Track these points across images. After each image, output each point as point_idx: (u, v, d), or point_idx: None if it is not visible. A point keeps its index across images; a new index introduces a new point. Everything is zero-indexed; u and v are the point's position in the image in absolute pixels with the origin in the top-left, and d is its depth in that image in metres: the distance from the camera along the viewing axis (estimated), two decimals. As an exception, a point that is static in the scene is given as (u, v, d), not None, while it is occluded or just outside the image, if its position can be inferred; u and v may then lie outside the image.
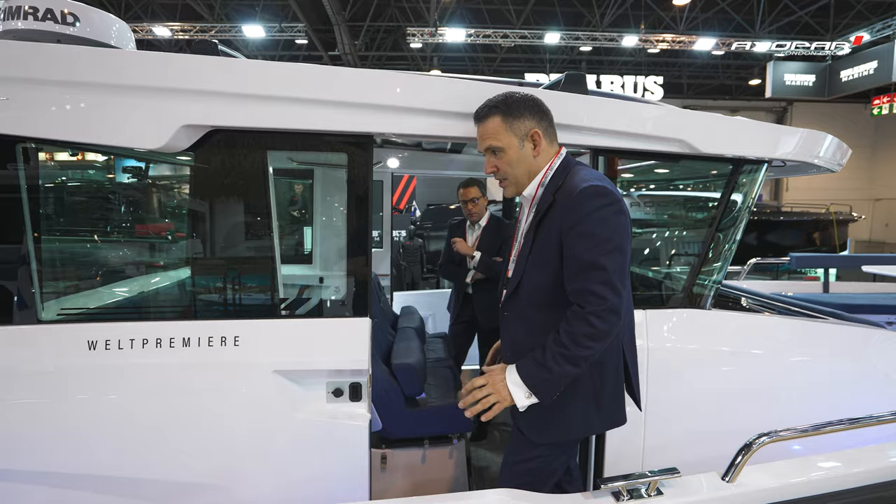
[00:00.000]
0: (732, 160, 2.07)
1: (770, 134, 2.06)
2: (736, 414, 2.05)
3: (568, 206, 1.46)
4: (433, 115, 1.76)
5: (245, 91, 1.66)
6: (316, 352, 1.79)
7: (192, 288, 1.85)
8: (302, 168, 2.56)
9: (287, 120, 1.69)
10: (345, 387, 1.83)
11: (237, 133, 1.73)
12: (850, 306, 3.78)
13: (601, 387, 1.56)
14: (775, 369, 2.10)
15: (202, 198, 1.85)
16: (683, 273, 2.24)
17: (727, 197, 2.09)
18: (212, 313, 1.83)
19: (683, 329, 2.06)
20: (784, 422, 2.13)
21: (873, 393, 2.24)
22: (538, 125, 1.56)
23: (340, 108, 1.70)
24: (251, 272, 1.89)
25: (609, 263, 1.39)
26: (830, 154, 2.21)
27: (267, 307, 1.86)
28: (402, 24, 15.79)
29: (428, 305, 4.45)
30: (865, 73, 14.38)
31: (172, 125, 1.63)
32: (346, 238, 1.83)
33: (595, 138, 1.90)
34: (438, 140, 2.05)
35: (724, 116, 2.04)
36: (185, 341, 1.70)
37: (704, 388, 2.05)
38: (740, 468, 1.45)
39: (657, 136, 1.90)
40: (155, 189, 2.23)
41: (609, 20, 15.27)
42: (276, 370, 1.75)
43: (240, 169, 1.78)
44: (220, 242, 1.84)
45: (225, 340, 1.72)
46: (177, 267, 2.05)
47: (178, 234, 2.05)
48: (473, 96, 1.69)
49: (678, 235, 2.67)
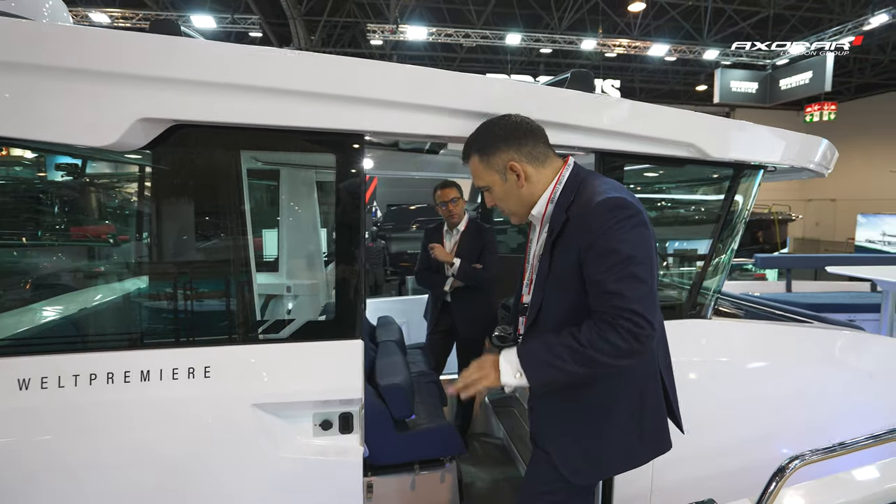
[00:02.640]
0: (733, 165, 2.01)
1: (774, 139, 2.02)
2: (744, 425, 1.99)
3: (583, 223, 1.32)
4: (439, 113, 1.58)
5: (215, 79, 1.41)
6: (301, 380, 1.56)
7: (152, 311, 1.58)
8: (280, 170, 2.30)
9: (266, 114, 1.46)
10: (334, 418, 1.62)
11: (205, 129, 1.48)
12: (815, 306, 3.89)
13: (641, 415, 1.42)
14: (780, 378, 2.07)
15: (162, 205, 1.57)
16: (685, 282, 2.17)
17: (729, 203, 2.02)
18: (176, 340, 1.56)
19: (688, 341, 1.98)
20: (791, 430, 2.12)
21: (862, 394, 2.25)
22: (516, 154, 1.42)
23: (329, 102, 1.48)
24: (223, 292, 1.63)
25: (628, 288, 1.25)
26: (823, 158, 2.20)
27: (242, 331, 1.61)
28: (360, 20, 15.40)
29: (401, 313, 4.24)
30: (802, 82, 15.34)
31: (126, 118, 1.36)
32: (333, 252, 1.61)
33: (601, 140, 1.78)
34: (431, 140, 1.87)
35: (729, 120, 1.98)
36: (144, 375, 1.43)
37: (712, 401, 1.98)
38: (775, 494, 1.36)
39: (667, 140, 1.81)
40: (103, 193, 1.91)
41: (567, 23, 15.55)
42: (255, 403, 1.52)
43: (208, 171, 1.53)
44: (184, 258, 1.57)
45: (193, 372, 1.47)
46: (133, 287, 1.75)
47: (133, 248, 1.76)
48: (480, 92, 1.53)
49: (678, 243, 2.61)
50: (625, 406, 1.40)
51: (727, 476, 1.95)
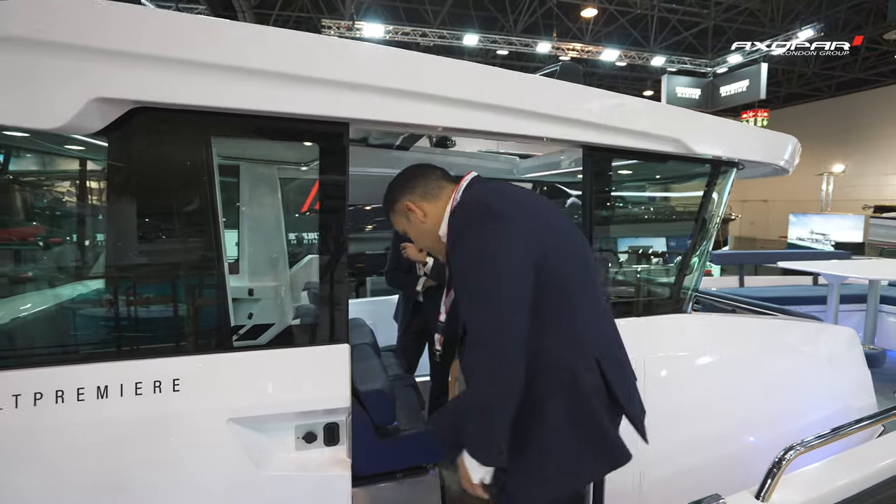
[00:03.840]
0: (712, 161, 2.04)
1: (753, 135, 2.06)
2: (728, 417, 2.03)
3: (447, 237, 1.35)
4: (432, 101, 1.49)
5: (183, 56, 1.25)
6: (283, 390, 1.43)
7: (110, 318, 1.39)
8: (259, 161, 2.13)
9: (241, 97, 1.31)
10: (318, 429, 1.50)
11: (171, 113, 1.32)
12: (767, 299, 4.09)
13: (576, 429, 1.26)
14: (759, 369, 2.12)
15: (123, 198, 1.39)
16: (667, 278, 2.19)
17: (709, 198, 2.06)
18: (139, 350, 1.38)
19: (671, 336, 1.99)
20: (773, 421, 2.18)
21: (825, 379, 2.36)
22: (409, 195, 1.48)
23: (314, 85, 1.36)
24: (193, 294, 1.46)
25: (475, 311, 1.20)
26: (791, 156, 2.28)
27: (216, 338, 1.45)
28: (313, 15, 14.98)
29: (369, 314, 4.10)
30: (740, 90, 16.35)
31: (79, 98, 1.18)
32: (316, 249, 1.49)
33: (589, 133, 1.75)
34: (428, 132, 1.76)
35: (712, 116, 2.01)
36: (101, 392, 1.26)
37: (696, 394, 2.00)
38: (774, 485, 1.37)
39: (654, 135, 1.80)
40: (52, 184, 1.68)
41: (522, 26, 15.81)
42: (231, 418, 1.37)
43: (174, 160, 1.37)
44: (147, 257, 1.40)
45: (159, 386, 1.30)
46: (88, 292, 1.55)
47: (89, 246, 1.55)
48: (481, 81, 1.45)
49: (657, 239, 2.64)
50: (555, 423, 1.26)
51: (712, 468, 1.98)
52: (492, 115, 1.57)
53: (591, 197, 1.83)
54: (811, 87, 21.35)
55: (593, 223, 1.84)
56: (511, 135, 1.62)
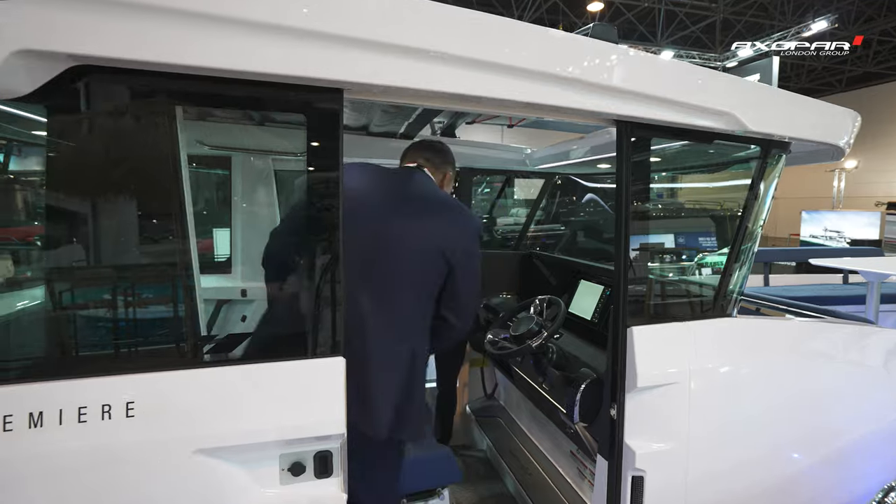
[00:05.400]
0: (760, 142, 1.77)
1: (815, 108, 1.77)
2: (781, 432, 1.77)
3: None
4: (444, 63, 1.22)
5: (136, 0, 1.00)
6: (263, 413, 1.18)
7: (49, 327, 1.14)
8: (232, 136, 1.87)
9: (215, 54, 1.06)
10: (307, 459, 1.24)
11: (122, 73, 1.06)
12: (798, 299, 3.81)
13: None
14: (814, 378, 1.86)
15: (58, 181, 1.13)
16: (712, 278, 1.92)
17: (758, 186, 1.79)
18: (83, 367, 1.12)
19: (718, 343, 1.73)
20: (830, 434, 1.91)
21: (882, 387, 2.10)
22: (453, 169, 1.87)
23: (304, 41, 1.10)
24: (153, 300, 1.20)
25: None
26: (851, 136, 1.98)
27: (180, 350, 1.20)
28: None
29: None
30: (750, 83, 16.00)
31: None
32: (305, 241, 1.24)
33: (626, 104, 1.46)
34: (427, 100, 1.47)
35: (768, 86, 1.73)
36: (34, 419, 1.01)
37: (745, 408, 1.73)
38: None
39: (702, 108, 1.53)
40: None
41: (527, 21, 15.54)
42: (199, 449, 1.12)
43: (127, 135, 1.12)
44: (93, 252, 1.15)
45: (108, 411, 1.05)
46: (18, 300, 1.30)
47: (18, 238, 1.30)
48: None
49: (697, 233, 2.36)
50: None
51: (766, 489, 1.72)
52: (492, 75, 1.27)
53: (626, 185, 1.55)
54: (821, 81, 20.97)
55: (628, 218, 1.56)
56: (513, 102, 1.33)
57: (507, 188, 8.50)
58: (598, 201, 3.79)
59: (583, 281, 2.80)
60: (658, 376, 1.57)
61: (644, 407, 1.58)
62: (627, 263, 1.57)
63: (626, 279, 1.56)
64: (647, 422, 1.58)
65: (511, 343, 2.20)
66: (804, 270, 7.56)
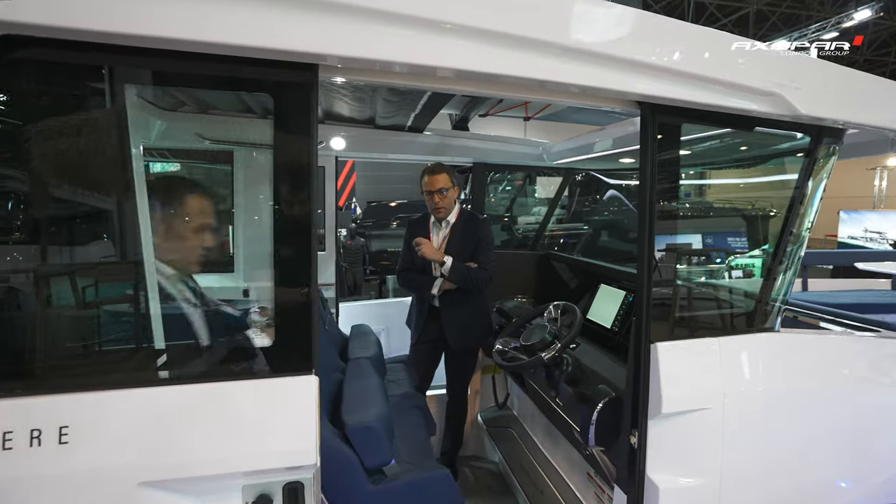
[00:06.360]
0: (811, 130, 1.53)
1: (867, 88, 1.52)
2: (833, 462, 1.54)
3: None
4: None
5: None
6: (223, 439, 1.02)
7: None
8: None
9: (158, 23, 0.90)
10: (275, 491, 1.08)
11: (64, 47, 0.91)
12: (842, 306, 3.50)
13: None
14: (870, 402, 1.61)
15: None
16: (751, 285, 1.69)
17: (806, 182, 1.55)
18: (7, 385, 0.97)
19: (757, 362, 1.50)
20: (884, 464, 1.67)
21: None
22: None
23: (273, 5, 0.93)
24: (94, 306, 1.05)
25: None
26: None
27: (127, 366, 1.05)
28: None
29: (380, 318, 3.69)
30: (785, 78, 15.30)
31: None
32: (273, 243, 1.07)
33: (649, 82, 1.25)
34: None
35: (821, 61, 1.49)
36: (-51, 446, 0.87)
37: (791, 439, 1.50)
38: None
39: (741, 86, 1.30)
40: None
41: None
42: (146, 481, 0.97)
43: (64, 117, 0.97)
44: (29, 252, 1.01)
45: (38, 436, 0.91)
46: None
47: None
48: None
49: (732, 234, 2.13)
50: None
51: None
52: (498, 48, 1.10)
53: (651, 179, 1.34)
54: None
55: (653, 217, 1.35)
56: (525, 79, 1.15)
57: (528, 186, 8.29)
58: (621, 199, 3.55)
59: (602, 285, 2.58)
60: (687, 400, 1.36)
61: (670, 435, 1.37)
62: (652, 267, 1.36)
63: (651, 284, 1.35)
64: (673, 453, 1.37)
65: (522, 353, 2.01)
66: (842, 274, 7.08)
